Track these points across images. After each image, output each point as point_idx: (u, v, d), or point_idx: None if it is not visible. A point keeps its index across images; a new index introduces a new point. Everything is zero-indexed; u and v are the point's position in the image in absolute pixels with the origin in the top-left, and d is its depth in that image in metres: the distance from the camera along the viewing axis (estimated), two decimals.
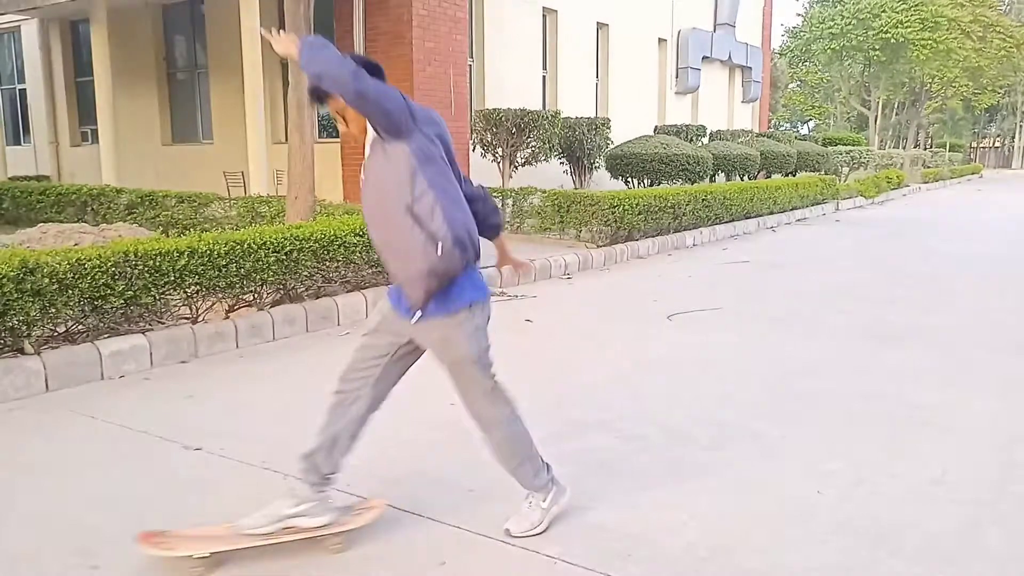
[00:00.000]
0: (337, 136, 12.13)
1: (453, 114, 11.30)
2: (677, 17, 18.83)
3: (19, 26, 16.77)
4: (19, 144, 17.71)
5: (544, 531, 2.69)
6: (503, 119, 11.07)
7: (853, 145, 25.28)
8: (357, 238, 6.03)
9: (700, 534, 2.72)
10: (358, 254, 6.06)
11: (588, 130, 13.30)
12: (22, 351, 4.32)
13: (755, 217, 12.96)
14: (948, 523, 2.81)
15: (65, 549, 2.63)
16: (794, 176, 18.25)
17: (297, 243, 5.60)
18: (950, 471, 3.26)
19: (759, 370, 4.76)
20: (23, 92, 17.64)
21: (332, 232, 5.86)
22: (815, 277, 8.24)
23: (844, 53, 41.53)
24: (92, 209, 10.43)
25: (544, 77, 14.91)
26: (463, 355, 2.51)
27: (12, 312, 4.17)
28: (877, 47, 39.53)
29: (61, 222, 9.47)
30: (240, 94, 10.59)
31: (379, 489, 3.01)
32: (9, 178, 13.88)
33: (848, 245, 11.17)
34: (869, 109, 45.03)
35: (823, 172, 20.11)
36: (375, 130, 2.41)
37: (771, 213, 13.56)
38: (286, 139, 7.45)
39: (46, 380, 4.30)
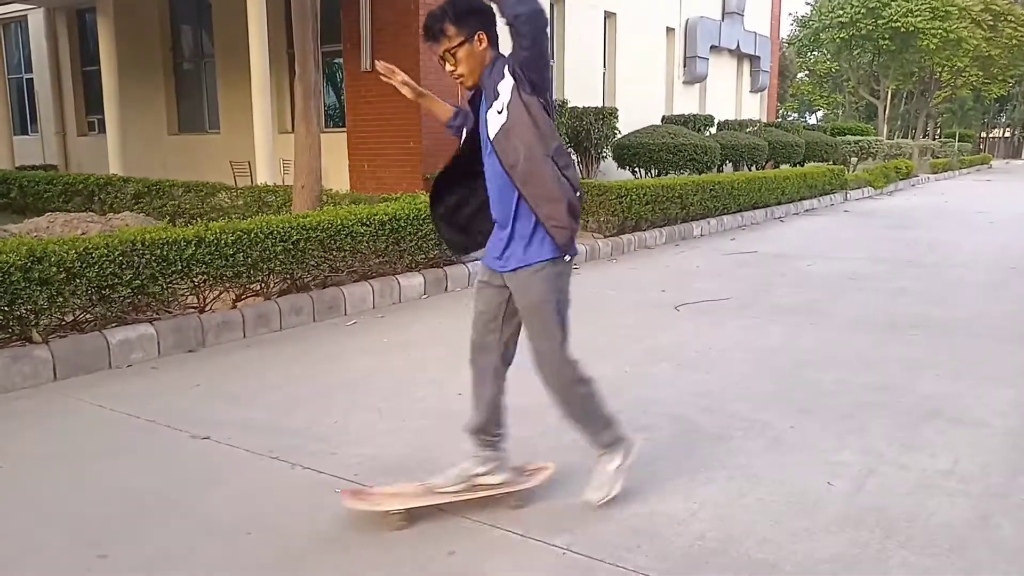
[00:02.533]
0: (343, 126, 12.11)
1: (460, 103, 11.24)
2: (685, 6, 18.68)
3: (26, 15, 16.78)
4: (26, 134, 17.75)
5: (619, 493, 2.80)
6: None
7: (862, 135, 25.13)
8: (364, 227, 6.02)
9: (708, 525, 2.71)
10: (365, 244, 6.05)
11: (595, 120, 13.24)
12: (30, 340, 4.33)
13: (763, 207, 12.90)
14: (959, 514, 2.79)
15: (74, 539, 2.63)
16: (802, 166, 18.15)
17: (304, 232, 5.59)
18: (961, 462, 3.23)
19: (767, 360, 4.73)
20: (30, 81, 17.67)
21: (339, 222, 5.85)
22: (823, 267, 8.19)
23: (853, 42, 41.17)
24: (99, 198, 10.46)
25: (551, 66, 14.84)
26: (542, 298, 2.59)
27: (20, 301, 4.18)
28: (887, 36, 39.18)
29: (68, 211, 9.49)
30: (247, 84, 10.56)
31: (386, 480, 3.01)
32: (16, 168, 13.92)
33: (856, 235, 11.10)
34: (878, 99, 44.71)
35: (832, 162, 19.99)
36: (524, 78, 2.49)
37: (779, 203, 13.49)
38: (293, 129, 7.44)
39: (54, 369, 4.31)
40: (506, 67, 2.53)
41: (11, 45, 17.79)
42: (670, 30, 18.43)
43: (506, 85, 2.51)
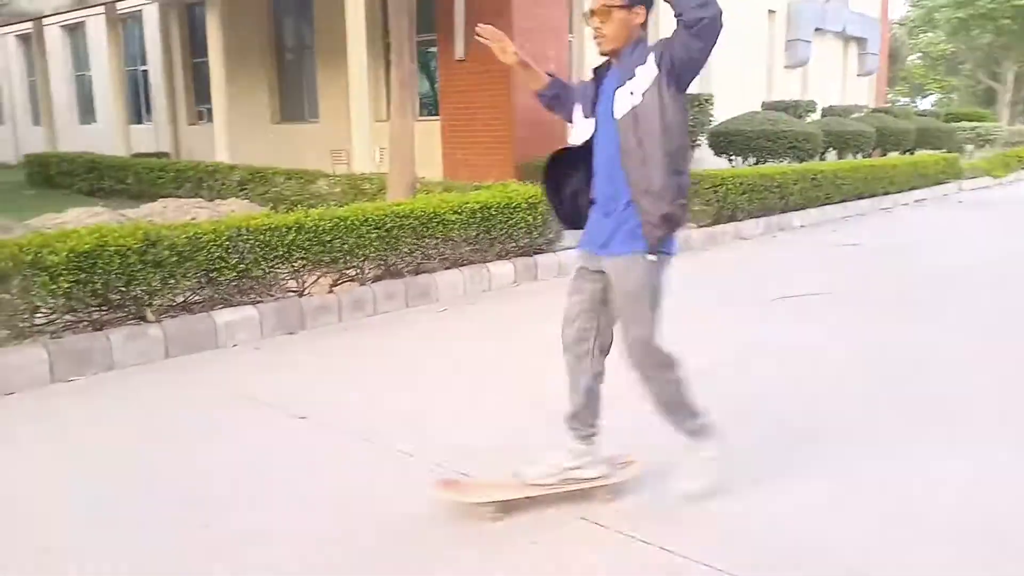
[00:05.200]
0: (437, 114, 12.27)
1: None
2: None
3: (141, 10, 17.70)
4: (141, 123, 18.77)
5: (716, 481, 2.77)
6: None
7: (979, 121, 23.61)
8: (455, 215, 6.09)
9: (804, 528, 2.62)
10: (456, 231, 6.12)
11: (690, 107, 12.94)
12: (144, 319, 4.59)
13: (868, 197, 12.31)
14: None
15: (180, 509, 2.78)
16: (912, 154, 17.23)
17: (397, 220, 5.70)
18: None
19: (870, 359, 4.53)
20: (145, 73, 18.66)
21: (431, 209, 5.94)
22: (932, 261, 7.76)
23: (971, 22, 38.70)
24: (207, 185, 10.97)
25: None
26: (640, 285, 2.57)
27: (136, 282, 4.44)
28: (1008, 15, 36.62)
29: (179, 197, 10.01)
30: (345, 73, 10.82)
31: (472, 466, 3.04)
32: (132, 155, 14.75)
33: (970, 228, 10.47)
34: (998, 82, 41.91)
35: (945, 150, 18.89)
36: (674, 75, 2.47)
37: (886, 193, 12.84)
38: (389, 117, 7.58)
39: (166, 347, 4.55)
40: (652, 55, 2.51)
41: (129, 39, 18.82)
42: (771, 12, 17.80)
43: (647, 71, 2.49)
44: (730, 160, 13.80)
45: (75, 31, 20.06)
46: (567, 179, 2.77)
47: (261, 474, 3.06)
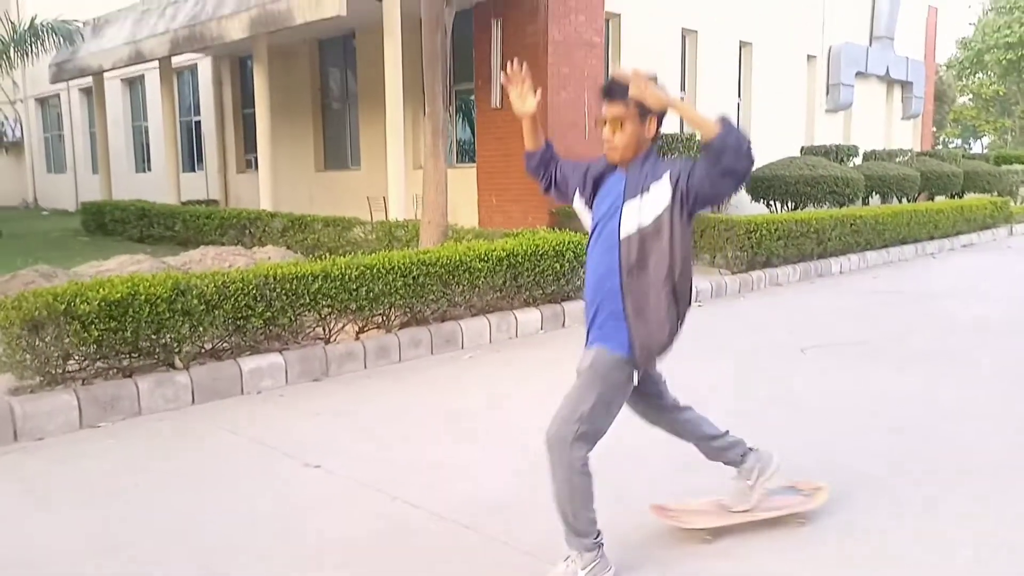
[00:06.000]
0: (473, 161, 12.45)
1: (587, 138, 11.32)
2: (828, 32, 17.97)
3: (196, 63, 18.45)
4: (194, 171, 19.43)
5: None
6: None
7: None
8: (482, 263, 6.14)
9: None
10: (483, 279, 6.16)
11: None
12: (172, 366, 4.71)
13: (912, 243, 12.07)
14: None
15: (192, 557, 2.82)
16: (960, 198, 16.86)
17: (423, 268, 5.77)
18: None
19: (902, 413, 4.39)
20: (198, 123, 19.37)
21: (457, 257, 6.00)
22: (977, 310, 7.53)
23: (1022, 63, 38.06)
24: (250, 232, 11.26)
25: (682, 99, 14.65)
26: (593, 373, 2.51)
27: (165, 329, 4.56)
28: None
29: (223, 244, 10.29)
30: (384, 122, 11.10)
31: (476, 520, 3.03)
32: (183, 203, 15.24)
33: (1019, 274, 10.15)
34: None
35: (995, 193, 18.45)
36: (687, 201, 2.44)
37: (931, 238, 12.58)
38: None
39: (193, 393, 4.65)
40: (668, 174, 2.46)
41: (184, 91, 19.60)
42: (811, 57, 17.78)
43: (661, 192, 2.45)
44: (768, 206, 13.70)
45: (134, 84, 20.98)
46: None
47: (271, 524, 3.08)
